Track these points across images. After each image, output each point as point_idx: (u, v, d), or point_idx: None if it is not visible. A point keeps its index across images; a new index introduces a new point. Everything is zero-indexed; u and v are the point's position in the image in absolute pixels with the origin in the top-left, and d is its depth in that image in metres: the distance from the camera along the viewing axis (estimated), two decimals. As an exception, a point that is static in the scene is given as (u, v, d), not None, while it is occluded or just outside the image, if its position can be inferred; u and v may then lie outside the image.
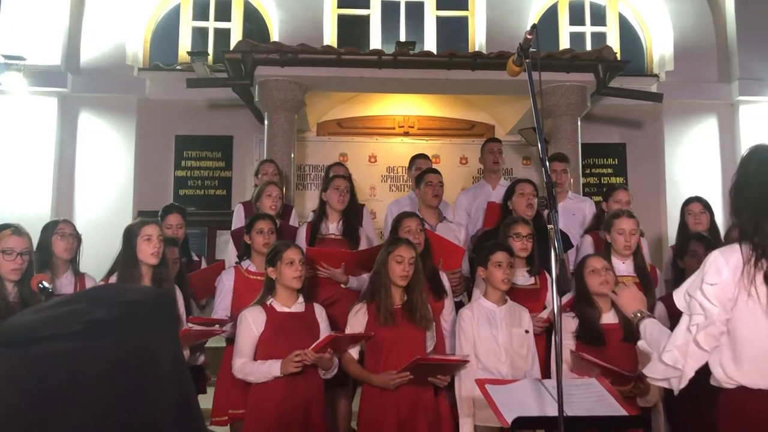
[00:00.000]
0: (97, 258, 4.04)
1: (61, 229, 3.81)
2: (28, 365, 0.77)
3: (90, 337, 0.79)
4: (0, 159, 7.10)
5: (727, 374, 1.98)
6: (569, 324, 3.28)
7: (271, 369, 3.18)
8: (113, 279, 3.52)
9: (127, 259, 3.43)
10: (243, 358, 3.27)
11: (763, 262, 1.94)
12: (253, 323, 3.27)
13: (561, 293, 2.31)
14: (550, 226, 2.29)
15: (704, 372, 2.06)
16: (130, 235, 3.43)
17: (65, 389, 0.76)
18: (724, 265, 1.98)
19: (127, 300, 0.87)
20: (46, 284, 3.03)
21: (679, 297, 2.09)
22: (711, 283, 1.97)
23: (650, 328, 2.20)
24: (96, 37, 7.44)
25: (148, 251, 3.39)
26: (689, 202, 4.67)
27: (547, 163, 2.51)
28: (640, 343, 2.23)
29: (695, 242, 3.88)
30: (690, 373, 2.02)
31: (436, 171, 4.63)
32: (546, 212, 2.34)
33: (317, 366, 3.24)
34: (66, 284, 3.76)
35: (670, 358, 2.04)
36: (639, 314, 2.29)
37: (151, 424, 0.82)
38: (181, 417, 0.87)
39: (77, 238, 3.89)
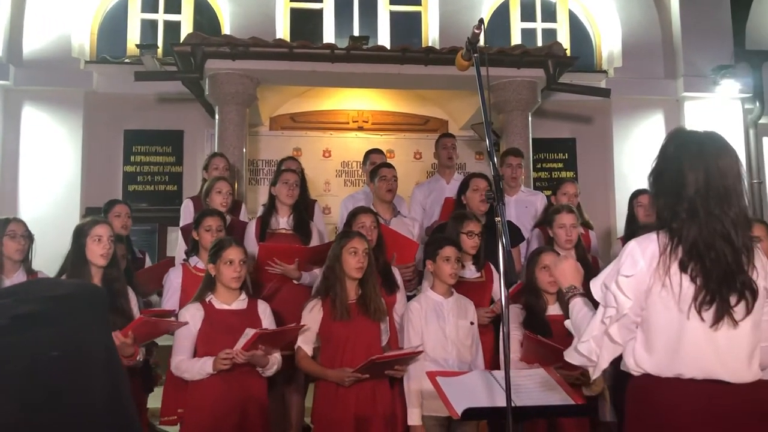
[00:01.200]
0: (43, 256, 3.93)
1: (11, 230, 3.68)
2: None
3: (15, 331, 0.77)
4: (-62, 154, 6.84)
5: (636, 362, 1.97)
6: (516, 315, 3.35)
7: (204, 366, 3.13)
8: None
9: (76, 259, 3.33)
10: (180, 355, 3.23)
11: (679, 250, 1.91)
12: (190, 320, 3.23)
13: (508, 285, 2.31)
14: (497, 219, 2.33)
15: None
16: (79, 235, 3.33)
17: None
18: (640, 256, 1.95)
19: (55, 294, 0.85)
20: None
21: (595, 287, 2.06)
22: (626, 275, 1.94)
23: (578, 308, 2.14)
24: (40, 28, 7.22)
25: (97, 252, 3.30)
26: (639, 194, 4.75)
27: (495, 157, 2.54)
28: (567, 323, 2.23)
29: (643, 233, 3.96)
30: (604, 365, 2.01)
31: (390, 165, 4.63)
32: (495, 205, 2.36)
33: (252, 365, 3.18)
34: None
35: (586, 348, 2.01)
36: (572, 290, 2.25)
37: (78, 420, 0.80)
38: (112, 414, 0.85)
39: (29, 238, 3.76)
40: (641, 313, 1.96)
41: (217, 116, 6.18)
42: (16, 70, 7.06)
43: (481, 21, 2.63)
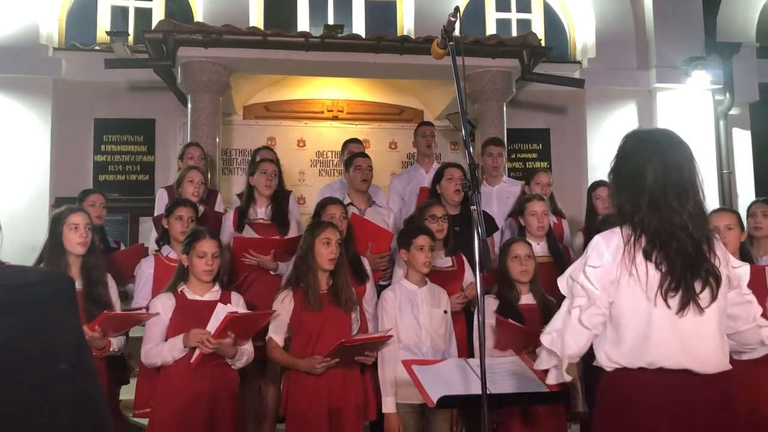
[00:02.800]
0: (14, 246, 3.85)
1: None
2: None
3: None
4: None
5: (608, 357, 2.01)
6: (490, 304, 3.36)
7: (175, 344, 3.09)
8: None
9: (53, 248, 3.29)
10: (150, 344, 3.19)
11: (642, 240, 1.96)
12: (161, 309, 3.19)
13: (483, 275, 2.32)
14: (473, 208, 2.33)
15: None
16: (56, 224, 3.29)
17: None
18: (605, 249, 2.00)
19: (20, 282, 0.83)
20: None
21: (562, 282, 2.12)
22: (593, 265, 2.00)
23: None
24: (6, 13, 7.04)
25: (74, 240, 3.25)
26: (597, 186, 4.76)
27: (471, 147, 2.54)
28: (538, 350, 2.27)
29: (604, 226, 4.01)
30: (569, 353, 2.03)
31: (365, 155, 4.62)
32: (470, 194, 2.37)
33: (223, 356, 3.15)
34: None
35: (548, 340, 2.06)
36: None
37: (45, 408, 0.78)
38: (79, 404, 0.83)
39: None
40: (608, 307, 2.01)
41: (189, 105, 6.10)
42: (-18, 57, 6.89)
43: (457, 9, 2.63)
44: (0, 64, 6.92)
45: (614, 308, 2.00)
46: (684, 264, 1.93)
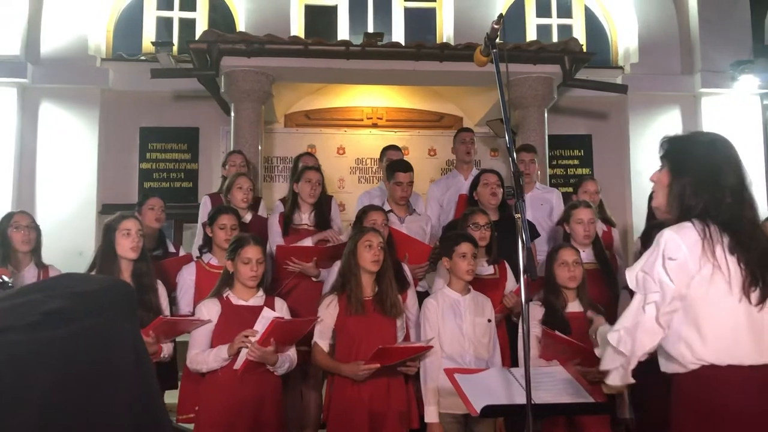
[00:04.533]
0: (62, 252, 3.98)
1: (16, 221, 3.72)
2: None
3: (45, 328, 0.77)
4: (-43, 151, 6.90)
5: (693, 354, 1.95)
6: (536, 312, 3.33)
7: (220, 352, 3.14)
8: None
9: (105, 254, 3.36)
10: (196, 349, 3.23)
11: (722, 235, 1.95)
12: (207, 315, 3.23)
13: (527, 282, 2.30)
14: (517, 215, 2.31)
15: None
16: (108, 230, 3.37)
17: (19, 382, 0.74)
18: (681, 242, 1.96)
19: (82, 290, 0.85)
20: (5, 278, 2.96)
21: (631, 276, 2.06)
22: (672, 257, 1.95)
23: (601, 330, 2.21)
24: (57, 26, 7.25)
25: (126, 246, 3.33)
26: None
27: (515, 153, 2.52)
28: (597, 351, 2.23)
29: (656, 232, 3.92)
30: (639, 353, 1.99)
31: (407, 168, 4.49)
32: (513, 202, 2.36)
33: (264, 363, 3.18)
34: (29, 277, 3.67)
35: (615, 338, 2.01)
36: (594, 329, 2.29)
37: (107, 418, 0.80)
38: (140, 412, 0.85)
39: (35, 230, 3.79)
40: (680, 302, 1.97)
41: (232, 113, 6.19)
42: (34, 68, 7.10)
43: (501, 16, 2.61)
44: (51, 75, 7.14)
45: (692, 303, 1.96)
46: (761, 259, 1.94)
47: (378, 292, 3.40)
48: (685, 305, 1.96)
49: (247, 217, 4.44)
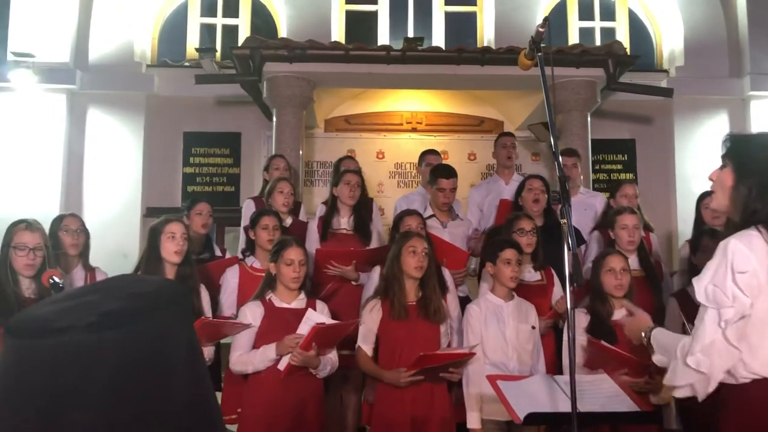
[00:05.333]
0: (107, 254, 4.06)
1: (66, 224, 3.80)
2: (43, 356, 0.76)
3: (104, 328, 0.78)
4: (9, 156, 7.11)
5: (747, 368, 1.89)
6: (581, 319, 3.27)
7: (267, 352, 3.15)
8: None
9: (150, 256, 3.41)
10: (239, 351, 3.26)
11: None
12: (251, 317, 3.26)
13: (573, 289, 2.26)
14: (563, 221, 2.28)
15: None
16: (154, 233, 3.41)
17: (79, 382, 0.75)
18: (749, 252, 1.87)
19: (139, 291, 0.86)
20: (56, 279, 3.02)
21: (700, 290, 1.94)
22: (742, 270, 1.85)
23: (659, 337, 2.11)
24: (104, 33, 7.44)
25: (171, 249, 3.36)
26: (706, 196, 4.59)
27: (560, 158, 2.49)
28: (655, 358, 2.16)
29: (708, 238, 3.83)
30: (718, 375, 1.88)
31: (450, 174, 4.41)
32: (559, 207, 2.33)
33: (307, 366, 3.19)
34: (77, 279, 3.75)
35: (694, 362, 1.89)
36: (646, 331, 2.22)
37: (164, 418, 0.80)
38: (195, 412, 0.85)
39: (84, 233, 3.87)
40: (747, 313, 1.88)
41: (274, 118, 6.26)
42: (82, 74, 7.29)
43: (546, 19, 2.59)
44: (99, 81, 7.32)
45: (753, 316, 1.87)
46: None
47: (422, 298, 3.39)
48: (745, 318, 1.88)
49: (288, 221, 4.48)
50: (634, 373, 2.98)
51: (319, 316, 3.23)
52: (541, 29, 2.58)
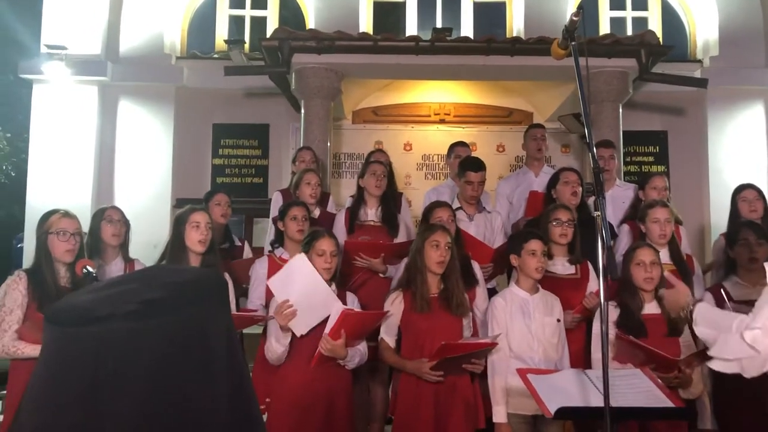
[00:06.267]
0: (136, 244, 4.08)
1: (109, 214, 3.86)
2: (84, 345, 0.76)
3: (144, 317, 0.78)
4: (43, 147, 7.25)
5: None
6: (611, 313, 3.22)
7: (276, 333, 3.16)
8: None
9: (175, 245, 3.45)
10: (272, 336, 3.27)
11: None
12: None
13: (608, 283, 2.23)
14: (597, 214, 2.24)
15: None
16: (178, 222, 3.46)
17: (120, 369, 0.76)
18: None
19: (178, 280, 0.86)
20: (90, 269, 3.07)
21: None
22: None
23: (704, 310, 2.07)
24: (135, 26, 7.53)
25: (195, 238, 3.40)
26: (742, 188, 4.49)
27: (594, 149, 2.45)
28: (698, 330, 2.11)
29: (746, 230, 3.75)
30: None
31: (479, 168, 4.37)
32: (593, 199, 2.30)
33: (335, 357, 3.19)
34: (116, 270, 3.79)
35: (751, 337, 1.87)
36: (690, 303, 2.18)
37: (203, 406, 0.81)
38: (234, 400, 0.86)
39: (125, 224, 3.92)
40: None
41: (302, 110, 6.27)
42: (113, 66, 7.39)
43: (581, 8, 2.54)
44: (129, 73, 7.42)
45: None
46: None
47: (443, 290, 3.38)
48: None
49: (316, 212, 4.48)
50: (663, 368, 2.94)
51: (277, 279, 3.18)
52: (575, 18, 2.52)
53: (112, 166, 7.40)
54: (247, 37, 7.76)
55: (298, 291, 3.13)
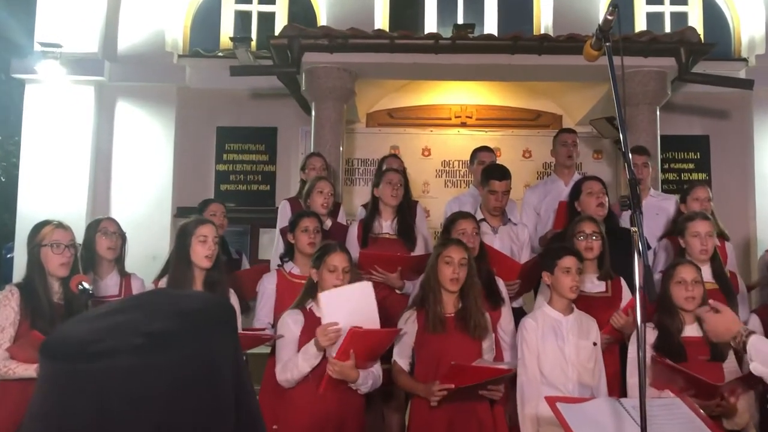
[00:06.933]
0: (134, 256, 4.11)
1: (104, 226, 3.86)
2: (85, 383, 0.76)
3: (151, 352, 0.77)
4: (35, 151, 7.31)
5: None
6: (648, 335, 3.19)
7: (308, 349, 3.11)
8: (163, 282, 3.54)
9: (179, 260, 3.43)
10: (284, 360, 3.25)
11: None
12: (292, 326, 3.26)
13: (644, 304, 2.21)
14: (633, 229, 2.24)
15: None
16: (184, 235, 3.42)
17: (126, 409, 0.75)
18: None
19: (185, 309, 0.86)
20: (86, 285, 3.08)
21: None
22: None
23: (760, 344, 2.06)
24: (134, 22, 7.59)
25: (202, 253, 3.37)
26: None
27: (629, 156, 2.44)
28: (753, 366, 2.10)
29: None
30: None
31: (503, 176, 4.36)
32: (627, 213, 2.28)
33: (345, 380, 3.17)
34: (111, 285, 3.81)
35: None
36: (740, 333, 2.15)
37: None
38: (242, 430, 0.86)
39: (122, 237, 3.93)
40: None
41: (313, 112, 6.29)
42: (111, 65, 7.45)
43: (615, 6, 2.54)
44: (127, 72, 7.48)
45: None
46: None
47: (461, 309, 3.36)
48: None
49: (327, 223, 4.49)
50: (704, 396, 2.91)
51: (333, 292, 3.17)
52: (609, 17, 2.52)
53: (108, 172, 7.45)
54: (254, 35, 7.80)
55: (350, 318, 3.11)
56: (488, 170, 4.48)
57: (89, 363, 0.76)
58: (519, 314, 3.93)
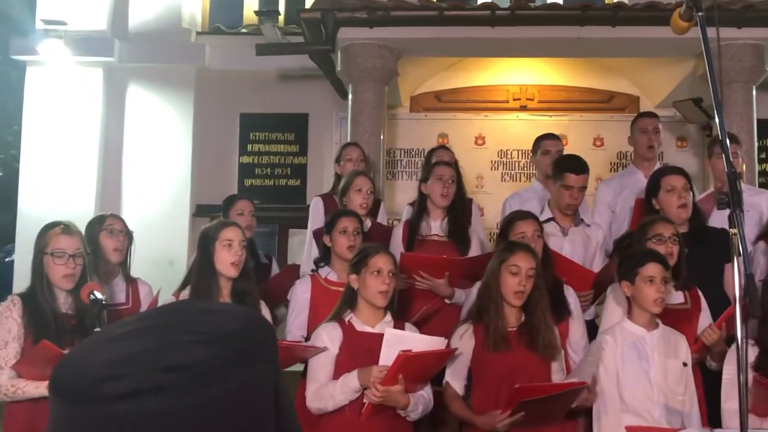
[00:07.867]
0: (150, 260, 4.15)
1: (109, 224, 3.89)
2: (103, 426, 0.74)
3: (180, 393, 0.74)
4: (39, 142, 7.47)
5: None
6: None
7: (348, 381, 3.12)
8: (185, 293, 3.55)
9: (202, 269, 3.45)
10: (317, 383, 3.25)
11: None
12: (328, 342, 3.26)
13: (745, 318, 2.16)
14: (733, 231, 2.18)
15: None
16: (206, 240, 3.44)
17: None
18: None
19: (218, 332, 0.82)
20: (98, 295, 3.12)
21: None
22: None
23: None
24: (147, -4, 7.69)
25: (228, 260, 3.40)
26: None
27: (728, 145, 2.39)
28: None
29: None
30: None
31: (581, 170, 4.28)
32: (719, 211, 2.24)
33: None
34: (117, 293, 3.85)
35: None
36: None
37: None
38: None
39: (128, 236, 3.97)
40: None
41: (350, 96, 6.30)
42: (121, 44, 7.57)
43: (710, -30, 2.50)
44: (140, 52, 7.59)
45: None
46: None
47: (525, 323, 3.33)
48: None
49: (367, 224, 4.48)
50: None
51: (402, 334, 3.20)
52: (702, -18, 2.48)
53: (119, 166, 7.57)
54: (282, 8, 7.85)
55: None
56: (562, 162, 4.42)
57: (107, 407, 0.73)
58: (591, 327, 3.88)
